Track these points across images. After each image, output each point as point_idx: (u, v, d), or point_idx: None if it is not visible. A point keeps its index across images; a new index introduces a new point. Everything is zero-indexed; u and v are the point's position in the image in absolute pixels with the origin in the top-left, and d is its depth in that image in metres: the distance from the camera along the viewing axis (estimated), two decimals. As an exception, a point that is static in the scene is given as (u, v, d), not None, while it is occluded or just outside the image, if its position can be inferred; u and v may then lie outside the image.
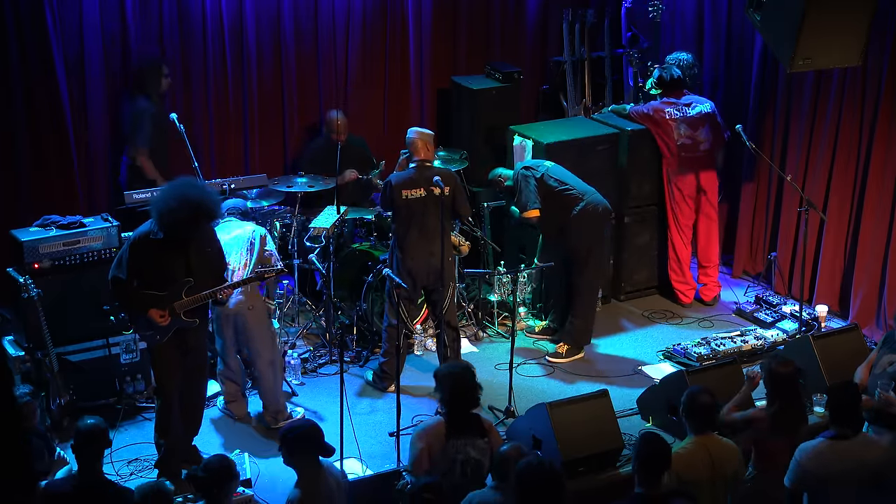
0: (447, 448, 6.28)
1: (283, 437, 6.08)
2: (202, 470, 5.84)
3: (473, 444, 6.32)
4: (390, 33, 10.28)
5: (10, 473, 3.78)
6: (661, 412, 7.91)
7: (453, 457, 6.28)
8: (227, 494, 5.90)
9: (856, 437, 6.16)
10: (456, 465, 6.26)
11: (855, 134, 9.26)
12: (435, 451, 6.28)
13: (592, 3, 10.91)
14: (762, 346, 8.92)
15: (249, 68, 9.69)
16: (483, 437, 6.37)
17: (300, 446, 6.01)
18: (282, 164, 10.06)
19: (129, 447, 7.69)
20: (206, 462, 5.95)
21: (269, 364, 7.87)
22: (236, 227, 7.85)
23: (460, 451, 6.29)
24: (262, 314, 7.92)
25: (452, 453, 6.28)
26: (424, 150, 8.24)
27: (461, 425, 6.36)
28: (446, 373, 6.54)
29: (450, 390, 6.41)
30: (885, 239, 9.14)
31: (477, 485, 6.16)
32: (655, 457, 5.82)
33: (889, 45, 8.86)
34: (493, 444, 6.38)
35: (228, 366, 7.98)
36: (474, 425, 6.41)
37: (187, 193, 6.90)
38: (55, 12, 8.75)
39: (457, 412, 6.39)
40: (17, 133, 8.83)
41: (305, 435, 6.03)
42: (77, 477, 6.00)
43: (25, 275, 7.55)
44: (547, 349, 9.07)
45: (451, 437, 6.30)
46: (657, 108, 9.61)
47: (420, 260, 8.20)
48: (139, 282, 6.98)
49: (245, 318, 7.77)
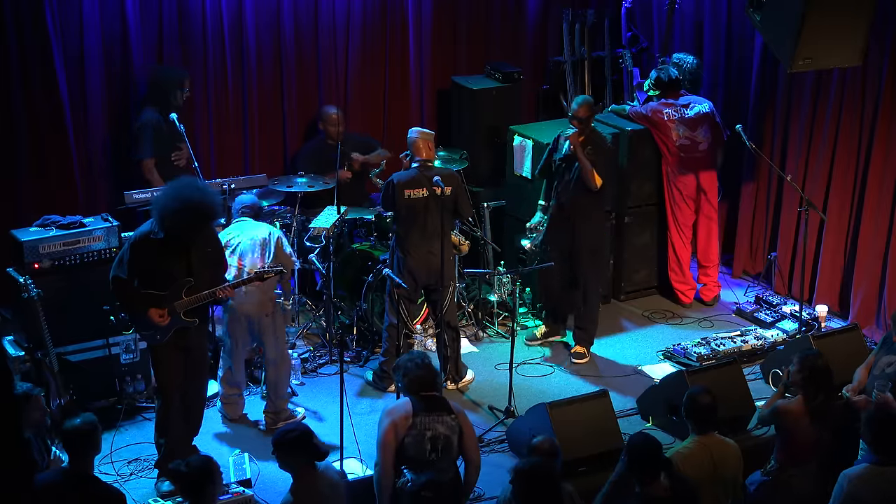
0: (415, 423, 6.28)
1: (275, 442, 6.07)
2: (185, 467, 5.81)
3: (441, 420, 6.32)
4: (390, 33, 10.28)
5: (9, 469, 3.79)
6: (661, 412, 7.91)
7: (421, 432, 6.27)
8: (212, 495, 5.87)
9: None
10: (425, 442, 6.25)
11: (855, 134, 9.26)
12: (402, 428, 6.28)
13: (592, 3, 10.91)
14: (762, 346, 8.92)
15: (249, 68, 9.69)
16: (451, 415, 6.36)
17: (293, 451, 6.00)
18: (282, 164, 10.06)
19: (129, 447, 7.69)
20: (191, 460, 5.89)
21: (275, 366, 7.90)
22: (251, 227, 7.86)
23: (429, 426, 6.29)
24: (278, 318, 7.94)
25: (421, 429, 6.27)
26: (426, 149, 8.25)
27: (427, 405, 6.36)
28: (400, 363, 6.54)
29: (403, 378, 6.44)
30: (885, 239, 9.14)
31: (447, 462, 6.24)
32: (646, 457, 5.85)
33: (889, 45, 8.87)
34: (463, 423, 6.39)
35: (232, 368, 7.98)
36: (442, 405, 6.41)
37: (188, 194, 6.90)
38: (55, 12, 8.75)
39: (420, 395, 6.39)
40: (17, 133, 8.82)
41: (297, 439, 6.01)
42: (65, 470, 5.99)
43: (25, 275, 7.54)
44: (545, 354, 9.03)
45: (419, 414, 6.31)
46: (655, 109, 9.61)
47: (420, 259, 8.20)
48: (140, 281, 6.98)
49: (261, 322, 7.82)
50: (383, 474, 6.28)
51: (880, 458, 6.13)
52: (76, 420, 6.00)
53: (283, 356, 7.97)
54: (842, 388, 7.68)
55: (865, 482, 6.08)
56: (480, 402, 8.34)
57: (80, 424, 5.96)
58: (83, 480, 5.90)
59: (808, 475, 6.73)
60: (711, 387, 6.82)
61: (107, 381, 7.95)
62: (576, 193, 8.61)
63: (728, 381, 7.59)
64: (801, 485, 6.71)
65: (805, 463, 6.72)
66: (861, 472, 6.12)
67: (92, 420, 6.03)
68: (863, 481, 6.08)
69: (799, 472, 6.72)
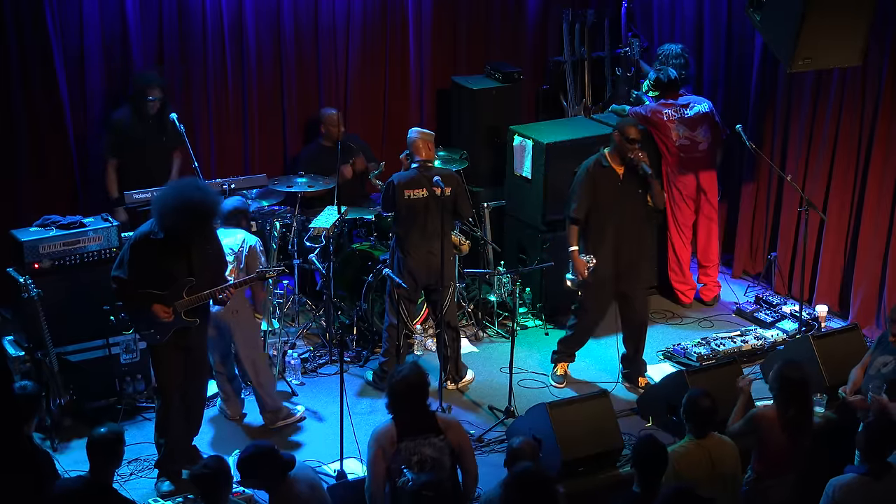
0: (400, 450, 6.17)
1: (238, 467, 6.01)
2: (204, 468, 5.85)
3: (428, 442, 6.20)
4: (390, 33, 10.28)
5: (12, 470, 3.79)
6: (660, 412, 7.91)
7: (407, 458, 6.15)
8: (227, 494, 5.91)
9: (889, 473, 6.08)
10: (411, 466, 6.13)
11: (855, 134, 9.26)
12: (388, 453, 6.18)
13: (592, 3, 10.91)
14: (762, 346, 8.92)
15: (249, 68, 9.69)
16: (438, 435, 6.23)
17: (258, 469, 5.97)
18: (282, 164, 10.06)
19: (129, 447, 7.65)
20: (206, 461, 5.96)
21: (251, 363, 7.85)
22: (223, 235, 7.77)
23: (414, 451, 6.17)
24: (244, 316, 7.88)
25: (406, 454, 6.16)
26: (426, 150, 8.25)
27: (411, 426, 6.23)
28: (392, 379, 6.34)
29: (390, 395, 6.29)
30: (885, 239, 9.14)
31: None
32: (651, 460, 5.85)
33: (889, 45, 8.87)
34: (453, 441, 6.26)
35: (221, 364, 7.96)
36: (428, 424, 6.26)
37: (187, 194, 6.90)
38: (55, 12, 8.76)
39: (402, 414, 6.26)
40: (17, 133, 8.83)
41: (258, 457, 5.98)
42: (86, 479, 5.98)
43: (25, 275, 7.55)
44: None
45: (403, 439, 6.19)
46: (654, 109, 9.61)
47: (420, 259, 8.20)
48: (141, 282, 6.98)
49: (228, 322, 7.77)
50: (374, 494, 6.22)
51: (871, 466, 6.05)
52: (102, 429, 5.99)
53: (255, 354, 7.89)
54: (835, 390, 7.68)
55: (853, 492, 6.01)
56: (480, 402, 8.35)
57: (106, 433, 5.95)
58: (102, 491, 5.90)
59: (785, 486, 6.61)
60: (711, 387, 6.83)
61: (107, 381, 7.95)
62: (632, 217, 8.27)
63: (728, 381, 7.58)
64: (778, 496, 6.61)
65: (782, 475, 6.60)
66: (850, 482, 6.05)
67: (118, 431, 6.04)
68: (851, 490, 6.01)
69: (776, 484, 6.60)
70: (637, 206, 8.26)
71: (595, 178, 8.19)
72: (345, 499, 6.73)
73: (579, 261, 8.17)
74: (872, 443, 6.08)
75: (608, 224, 8.21)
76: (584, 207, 8.20)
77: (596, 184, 8.18)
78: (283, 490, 5.99)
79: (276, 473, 5.99)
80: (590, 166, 8.25)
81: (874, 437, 6.09)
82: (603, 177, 8.18)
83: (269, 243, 8.75)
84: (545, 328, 9.40)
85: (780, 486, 6.61)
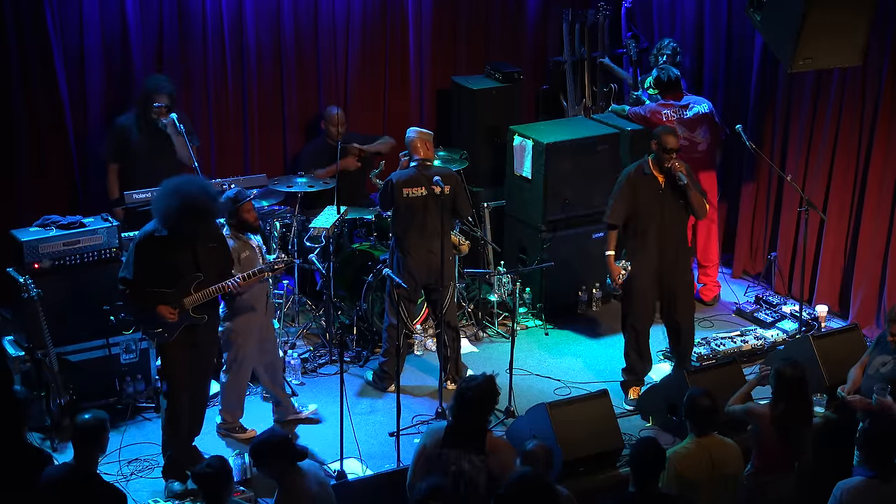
0: (441, 455, 6.07)
1: (252, 452, 6.04)
2: (207, 467, 5.86)
3: (468, 458, 6.04)
4: (390, 33, 10.28)
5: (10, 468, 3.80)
6: (660, 412, 7.91)
7: (445, 466, 6.03)
8: (229, 494, 5.92)
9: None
10: (448, 475, 6.00)
11: (855, 134, 9.26)
12: (430, 453, 6.10)
13: (592, 3, 10.91)
14: (762, 346, 8.92)
15: (249, 68, 9.69)
16: (480, 455, 6.06)
17: (270, 456, 5.99)
18: (282, 164, 10.06)
19: (129, 447, 7.69)
20: (209, 461, 5.96)
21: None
22: None
23: (453, 461, 6.03)
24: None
25: (445, 462, 6.05)
26: (424, 149, 8.25)
27: (461, 437, 6.10)
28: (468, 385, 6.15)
29: (456, 398, 6.13)
30: (885, 239, 9.14)
31: (477, 501, 5.96)
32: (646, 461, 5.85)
33: (889, 45, 8.87)
34: (493, 464, 6.05)
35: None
36: (477, 441, 6.10)
37: (187, 191, 6.91)
38: (55, 12, 8.76)
39: (459, 424, 6.13)
40: (17, 133, 8.83)
41: (272, 444, 5.99)
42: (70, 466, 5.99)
43: (25, 275, 7.54)
44: None
45: (447, 446, 6.08)
46: (654, 110, 9.61)
47: (420, 259, 8.20)
48: (148, 280, 6.98)
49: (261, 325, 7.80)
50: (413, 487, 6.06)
51: (879, 469, 6.02)
52: (86, 415, 6.00)
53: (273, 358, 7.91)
54: (835, 390, 7.68)
55: (861, 495, 6.00)
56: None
57: (88, 420, 5.96)
58: (86, 478, 5.90)
59: (783, 484, 6.60)
60: (711, 387, 6.82)
61: (107, 381, 7.95)
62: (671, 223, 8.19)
63: (728, 381, 7.59)
64: (776, 492, 6.60)
65: (781, 472, 6.60)
66: (858, 485, 6.04)
67: (101, 417, 6.02)
68: (859, 493, 6.00)
69: (773, 480, 6.59)
70: (678, 213, 8.20)
71: (635, 185, 8.15)
72: (345, 499, 6.73)
73: (614, 266, 8.15)
74: (876, 446, 6.06)
75: (649, 231, 8.15)
76: (619, 213, 8.16)
77: (636, 191, 8.15)
78: (293, 482, 6.00)
79: (287, 462, 6.00)
80: (631, 172, 8.23)
81: (877, 440, 6.07)
82: (644, 184, 8.14)
83: (270, 243, 8.75)
84: (545, 328, 9.41)
85: (777, 483, 6.62)
